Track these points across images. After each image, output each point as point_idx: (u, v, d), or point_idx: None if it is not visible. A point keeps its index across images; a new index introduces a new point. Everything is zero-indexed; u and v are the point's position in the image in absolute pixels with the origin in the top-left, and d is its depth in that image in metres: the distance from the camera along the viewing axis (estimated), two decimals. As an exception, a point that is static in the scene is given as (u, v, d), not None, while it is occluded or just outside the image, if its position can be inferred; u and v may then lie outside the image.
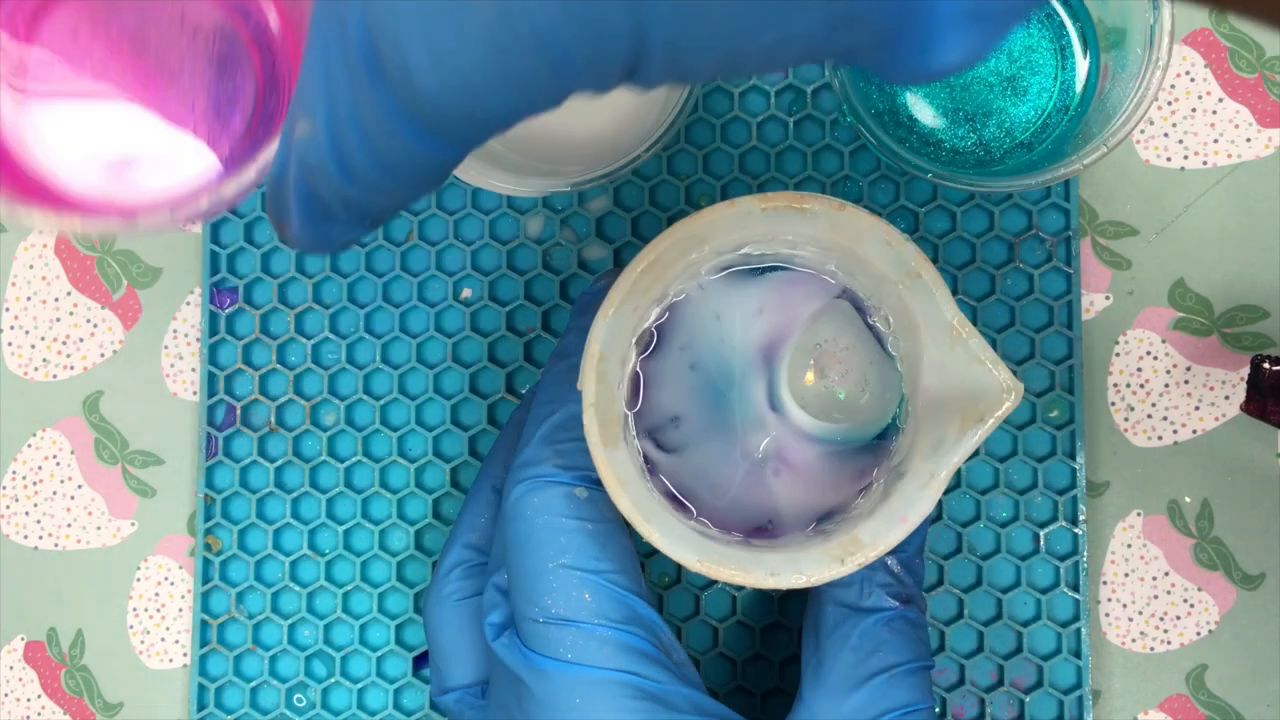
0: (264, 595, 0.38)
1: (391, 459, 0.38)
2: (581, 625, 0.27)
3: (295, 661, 0.38)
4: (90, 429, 0.40)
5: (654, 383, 0.30)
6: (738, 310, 0.29)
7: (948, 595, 0.37)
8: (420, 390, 0.38)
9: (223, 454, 0.39)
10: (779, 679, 0.37)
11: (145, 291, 0.40)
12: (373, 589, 0.38)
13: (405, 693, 0.38)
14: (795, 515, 0.29)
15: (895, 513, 0.27)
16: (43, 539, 0.40)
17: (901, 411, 0.29)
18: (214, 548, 0.38)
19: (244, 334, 0.39)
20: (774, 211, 0.27)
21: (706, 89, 0.38)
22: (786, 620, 0.37)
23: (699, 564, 0.27)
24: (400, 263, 0.38)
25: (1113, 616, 0.37)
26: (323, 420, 0.38)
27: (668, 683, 0.28)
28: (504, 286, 0.38)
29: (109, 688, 0.39)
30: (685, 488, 0.29)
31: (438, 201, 0.38)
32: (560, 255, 0.38)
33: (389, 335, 0.38)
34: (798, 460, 0.29)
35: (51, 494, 0.40)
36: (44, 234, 0.40)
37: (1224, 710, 0.37)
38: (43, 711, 0.39)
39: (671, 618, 0.37)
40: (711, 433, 0.29)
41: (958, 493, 0.37)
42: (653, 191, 0.38)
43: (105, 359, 0.40)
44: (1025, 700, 0.36)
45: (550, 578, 0.28)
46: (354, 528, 0.38)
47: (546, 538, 0.28)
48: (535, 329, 0.38)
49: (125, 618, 0.39)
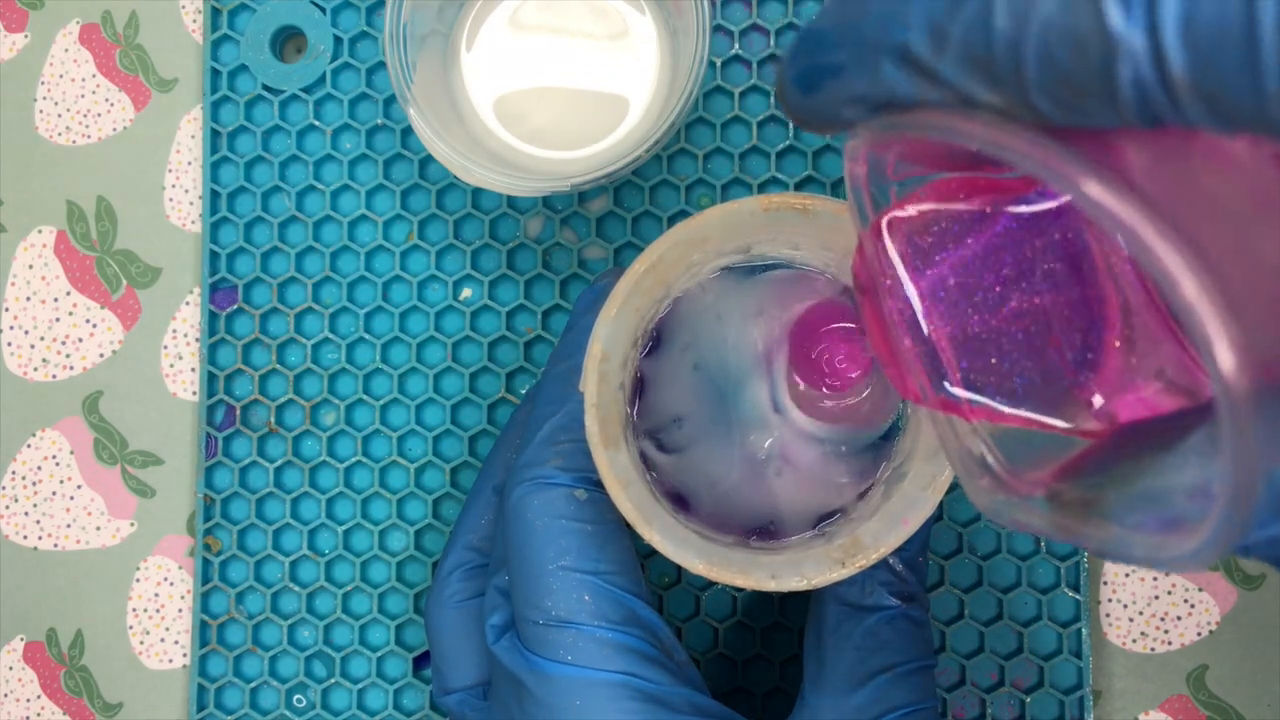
0: (264, 596, 0.38)
1: (391, 460, 0.38)
2: (581, 627, 0.27)
3: (295, 662, 0.38)
4: (90, 429, 0.40)
5: (656, 383, 0.30)
6: (739, 310, 0.29)
7: (949, 595, 0.37)
8: (420, 391, 0.38)
9: (222, 454, 0.39)
10: (780, 679, 0.37)
11: (145, 292, 0.40)
12: (372, 589, 0.38)
13: (405, 693, 0.38)
14: (796, 516, 0.29)
15: (897, 514, 0.27)
16: (42, 539, 0.40)
17: (903, 413, 0.29)
18: (214, 548, 0.38)
19: (243, 335, 0.39)
20: (776, 212, 0.27)
21: (706, 89, 0.37)
22: (787, 620, 0.37)
23: (700, 566, 0.27)
24: (400, 264, 0.38)
25: (1113, 617, 0.37)
26: (322, 421, 0.38)
27: (667, 684, 0.28)
28: (503, 288, 0.38)
29: (108, 688, 0.39)
30: (686, 488, 0.29)
31: (437, 202, 0.38)
32: (560, 256, 0.38)
33: (388, 336, 0.38)
34: (799, 461, 0.29)
35: (51, 494, 0.40)
36: (42, 233, 0.40)
37: (1224, 710, 0.37)
38: (42, 712, 0.39)
39: (672, 618, 0.37)
40: (713, 433, 0.29)
41: (959, 493, 0.37)
42: (652, 192, 0.38)
43: (105, 359, 0.40)
44: (1026, 700, 0.36)
45: (550, 579, 0.28)
46: (354, 528, 0.38)
47: (547, 539, 0.28)
48: (535, 330, 0.38)
49: (125, 618, 0.39)
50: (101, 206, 0.40)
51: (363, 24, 0.39)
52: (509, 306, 0.38)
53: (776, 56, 0.38)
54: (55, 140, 0.40)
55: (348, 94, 0.38)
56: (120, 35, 0.40)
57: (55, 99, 0.40)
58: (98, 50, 0.40)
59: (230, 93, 0.39)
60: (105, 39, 0.40)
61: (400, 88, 0.33)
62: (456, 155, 0.32)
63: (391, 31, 0.33)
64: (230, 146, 0.39)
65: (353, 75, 0.39)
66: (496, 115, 0.36)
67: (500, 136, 0.36)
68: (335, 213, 0.38)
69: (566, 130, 0.36)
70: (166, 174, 0.40)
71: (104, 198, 0.40)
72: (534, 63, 0.36)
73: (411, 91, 0.33)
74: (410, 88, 0.33)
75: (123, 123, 0.40)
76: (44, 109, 0.40)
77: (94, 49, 0.40)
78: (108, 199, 0.40)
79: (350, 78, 0.39)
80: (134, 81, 0.40)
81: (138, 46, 0.40)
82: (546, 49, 0.36)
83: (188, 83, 0.40)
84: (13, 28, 0.41)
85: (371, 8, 0.39)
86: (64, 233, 0.40)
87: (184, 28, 0.40)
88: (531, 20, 0.36)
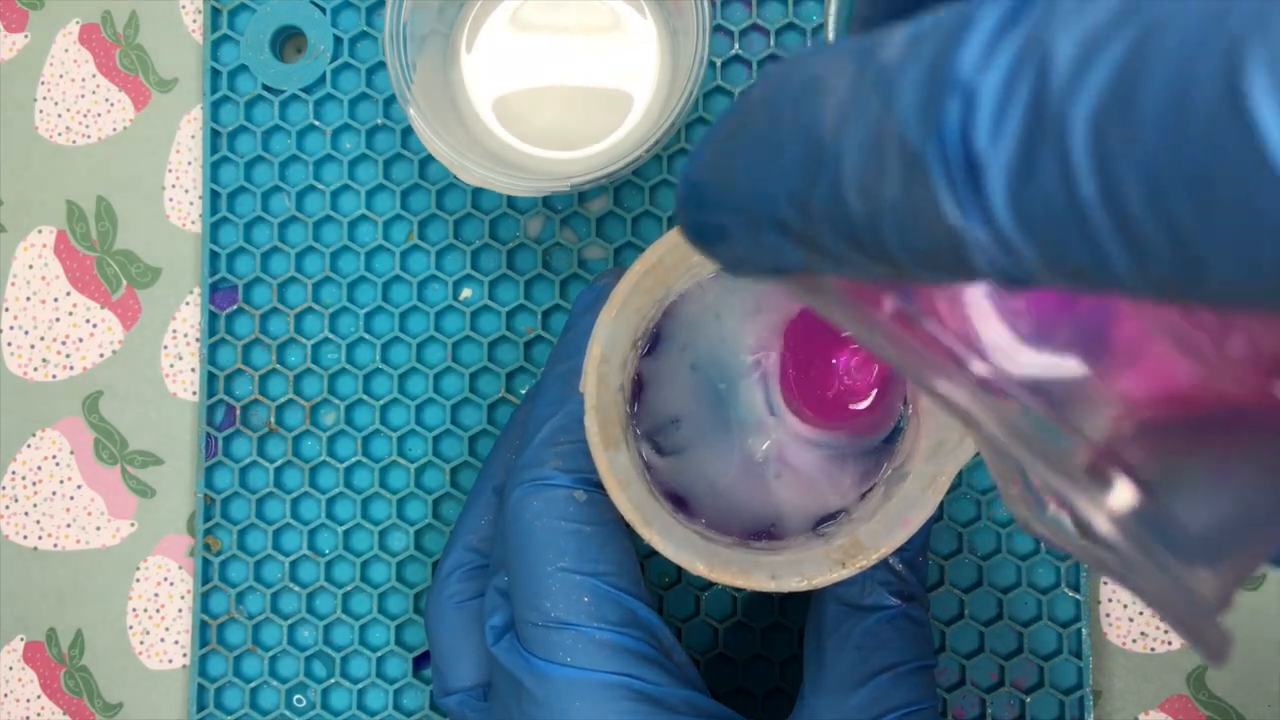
0: (264, 596, 0.38)
1: (391, 460, 0.38)
2: (581, 628, 0.27)
3: (295, 662, 0.38)
4: (90, 429, 0.40)
5: (655, 384, 0.30)
6: (737, 309, 0.29)
7: (949, 595, 0.37)
8: (420, 392, 0.38)
9: (222, 454, 0.39)
10: (780, 679, 0.37)
11: (145, 292, 0.40)
12: (372, 589, 0.38)
13: (405, 693, 0.38)
14: (797, 518, 0.29)
15: (897, 515, 0.27)
16: (42, 539, 0.40)
17: (904, 413, 0.29)
18: (213, 548, 0.38)
19: (243, 335, 0.39)
20: None
21: (706, 89, 0.37)
22: (787, 620, 0.37)
23: (700, 567, 0.27)
24: (400, 264, 0.38)
25: (1113, 617, 0.37)
26: (322, 421, 0.38)
27: (667, 685, 0.28)
28: (503, 288, 0.38)
29: (108, 688, 0.39)
30: (686, 490, 0.29)
31: (437, 202, 0.38)
32: (560, 256, 0.38)
33: (388, 336, 0.38)
34: (799, 463, 0.29)
35: (51, 494, 0.40)
36: (42, 233, 0.40)
37: (1224, 710, 0.37)
38: (42, 712, 0.39)
39: (672, 618, 0.37)
40: (712, 435, 0.29)
41: (959, 493, 0.37)
42: (652, 192, 0.38)
43: (105, 359, 0.40)
44: (1026, 700, 0.36)
45: (549, 580, 0.28)
46: (354, 528, 0.38)
47: (546, 540, 0.28)
48: (535, 330, 0.38)
49: (125, 618, 0.39)
50: (101, 206, 0.40)
51: (363, 24, 0.39)
52: (509, 306, 0.38)
53: (776, 56, 0.38)
54: (55, 140, 0.40)
55: (348, 94, 0.38)
56: (120, 35, 0.40)
57: (55, 99, 0.40)
58: (98, 50, 0.40)
59: (230, 93, 0.39)
60: (105, 39, 0.40)
61: (400, 88, 0.33)
62: (456, 155, 0.32)
63: (391, 31, 0.33)
64: (230, 146, 0.39)
65: (353, 75, 0.39)
66: (496, 115, 0.36)
67: (500, 136, 0.36)
68: (335, 213, 0.38)
69: (566, 130, 0.36)
70: (166, 174, 0.40)
71: (104, 198, 0.40)
72: (534, 63, 0.36)
73: (411, 91, 0.33)
74: (410, 88, 0.33)
75: (123, 123, 0.40)
76: (44, 109, 0.40)
77: (94, 49, 0.40)
78: (108, 199, 0.40)
79: (350, 78, 0.39)
80: (134, 81, 0.40)
81: (138, 46, 0.40)
82: (547, 49, 0.36)
83: (188, 83, 0.40)
84: (13, 28, 0.41)
85: (371, 8, 0.39)
86: (64, 233, 0.40)
87: (184, 28, 0.40)
88: (531, 20, 0.36)
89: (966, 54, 0.11)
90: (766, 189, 0.14)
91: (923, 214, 0.12)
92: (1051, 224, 0.11)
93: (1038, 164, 0.11)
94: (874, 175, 0.12)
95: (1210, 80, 0.10)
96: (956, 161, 0.11)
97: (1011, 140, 0.11)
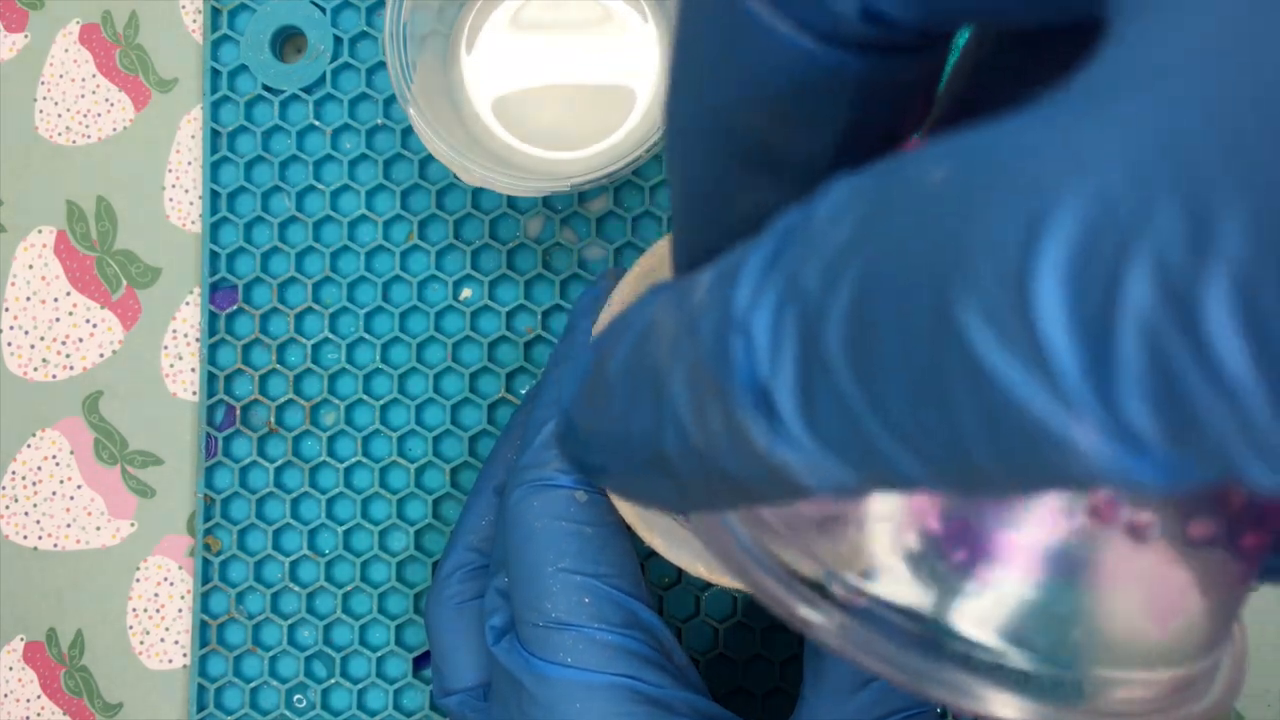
0: (264, 596, 0.38)
1: (391, 460, 0.38)
2: (581, 629, 0.27)
3: (295, 662, 0.38)
4: (90, 429, 0.40)
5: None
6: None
7: (948, 596, 0.37)
8: (420, 392, 0.38)
9: (222, 454, 0.39)
10: (780, 679, 0.37)
11: (145, 292, 0.40)
12: (373, 589, 0.38)
13: (405, 693, 0.38)
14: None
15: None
16: (42, 539, 0.40)
17: None
18: (214, 548, 0.38)
19: (243, 335, 0.39)
20: None
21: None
22: (787, 621, 0.37)
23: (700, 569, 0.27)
24: (400, 264, 0.38)
25: (1114, 617, 0.37)
26: (322, 421, 0.38)
27: (667, 686, 0.28)
28: (504, 288, 0.38)
29: (108, 688, 0.39)
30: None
31: (437, 202, 0.38)
32: (560, 256, 0.38)
33: (388, 336, 0.38)
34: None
35: (51, 494, 0.40)
36: (42, 233, 0.40)
37: (1225, 711, 0.37)
38: (42, 712, 0.39)
39: (672, 618, 0.37)
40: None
41: (959, 494, 0.37)
42: (652, 192, 0.38)
43: (105, 359, 0.40)
44: (1026, 701, 0.36)
45: (550, 581, 0.28)
46: (354, 528, 0.38)
47: (546, 541, 0.28)
48: (535, 330, 0.38)
49: (125, 618, 0.39)
50: (101, 206, 0.40)
51: (363, 24, 0.39)
52: (509, 306, 0.38)
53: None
54: (55, 140, 0.40)
55: (348, 94, 0.38)
56: (120, 35, 0.40)
57: (55, 99, 0.40)
58: (98, 50, 0.40)
59: (230, 93, 0.39)
60: (105, 39, 0.40)
61: (400, 88, 0.33)
62: (456, 155, 0.32)
63: (391, 31, 0.33)
64: (230, 146, 0.39)
65: (353, 75, 0.39)
66: (496, 115, 0.36)
67: (500, 136, 0.36)
68: (335, 213, 0.38)
69: (566, 130, 0.36)
70: (166, 174, 0.40)
71: (104, 198, 0.40)
72: (534, 63, 0.36)
73: (411, 91, 0.33)
74: (410, 88, 0.33)
75: (123, 123, 0.40)
76: (44, 109, 0.40)
77: (94, 49, 0.40)
78: (108, 199, 0.40)
79: (350, 78, 0.39)
80: (134, 81, 0.40)
81: (138, 46, 0.40)
82: (547, 49, 0.36)
83: (188, 83, 0.40)
84: (13, 28, 0.41)
85: (371, 8, 0.39)
86: (64, 233, 0.40)
87: (184, 28, 0.40)
88: (532, 20, 0.36)
89: (740, 294, 0.12)
90: (629, 429, 0.14)
91: (743, 444, 0.13)
92: (843, 439, 0.12)
93: (815, 386, 0.12)
94: (699, 412, 0.13)
95: (924, 305, 0.10)
96: (754, 392, 0.12)
97: (790, 366, 0.12)
